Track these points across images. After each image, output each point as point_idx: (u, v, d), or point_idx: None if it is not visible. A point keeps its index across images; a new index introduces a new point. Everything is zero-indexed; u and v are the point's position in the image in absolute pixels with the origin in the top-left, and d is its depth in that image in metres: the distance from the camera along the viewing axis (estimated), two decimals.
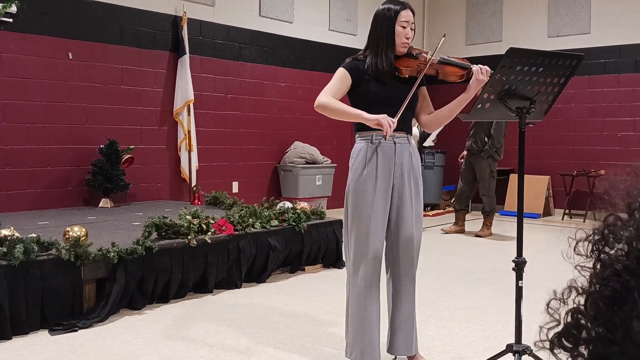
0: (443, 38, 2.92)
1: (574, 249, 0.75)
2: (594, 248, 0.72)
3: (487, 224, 7.23)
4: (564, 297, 0.73)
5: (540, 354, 0.70)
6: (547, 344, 0.73)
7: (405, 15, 2.84)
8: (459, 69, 2.87)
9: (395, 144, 2.87)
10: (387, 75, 2.84)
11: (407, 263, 2.94)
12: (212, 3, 7.39)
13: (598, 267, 0.71)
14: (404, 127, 2.90)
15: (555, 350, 0.72)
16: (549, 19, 9.03)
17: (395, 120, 2.70)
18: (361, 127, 2.88)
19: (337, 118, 2.85)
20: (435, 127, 3.06)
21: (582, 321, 0.69)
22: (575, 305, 0.71)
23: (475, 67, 2.76)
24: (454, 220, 7.56)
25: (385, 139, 2.75)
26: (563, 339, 0.71)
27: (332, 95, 2.82)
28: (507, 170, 9.04)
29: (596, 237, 0.72)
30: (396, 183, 2.88)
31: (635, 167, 0.75)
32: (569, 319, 0.71)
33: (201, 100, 7.22)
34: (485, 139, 7.04)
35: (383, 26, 2.84)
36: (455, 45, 9.58)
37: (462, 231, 7.39)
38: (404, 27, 2.83)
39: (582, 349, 0.69)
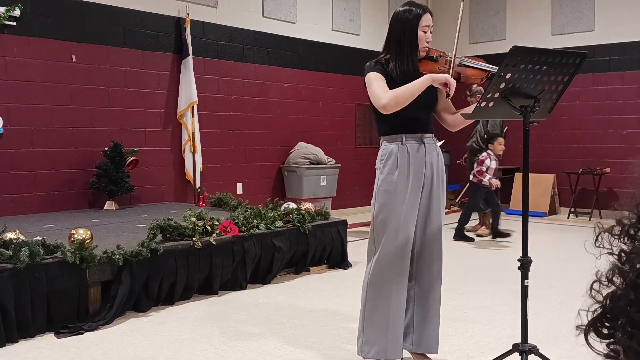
0: (462, 4, 2.91)
1: (597, 237, 0.73)
2: (630, 230, 0.70)
3: (485, 223, 7.20)
4: (609, 278, 0.71)
5: (579, 339, 0.68)
6: (583, 329, 0.71)
7: (426, 19, 2.87)
8: (480, 71, 2.90)
9: (424, 144, 2.89)
10: (411, 80, 2.83)
11: (435, 255, 2.97)
12: (215, 4, 7.39)
13: (632, 245, 0.69)
14: (429, 127, 2.92)
15: (589, 336, 0.70)
16: (553, 17, 9.00)
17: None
18: (389, 131, 2.89)
19: (410, 99, 2.74)
20: (459, 126, 3.05)
21: (623, 305, 0.67)
22: (614, 289, 0.69)
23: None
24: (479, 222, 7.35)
25: (450, 95, 2.74)
26: (598, 325, 0.69)
27: (385, 91, 2.79)
28: (512, 169, 9.01)
29: (632, 220, 0.71)
30: (426, 182, 2.92)
31: None
32: (609, 303, 0.69)
33: (205, 102, 7.22)
34: (485, 136, 7.05)
35: (406, 30, 2.85)
36: (458, 44, 9.53)
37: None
38: (425, 32, 2.86)
39: (620, 335, 0.67)
